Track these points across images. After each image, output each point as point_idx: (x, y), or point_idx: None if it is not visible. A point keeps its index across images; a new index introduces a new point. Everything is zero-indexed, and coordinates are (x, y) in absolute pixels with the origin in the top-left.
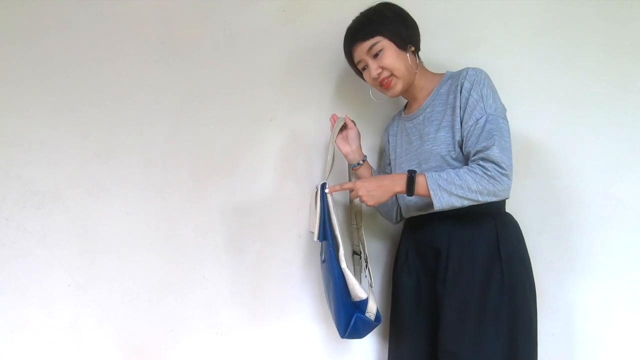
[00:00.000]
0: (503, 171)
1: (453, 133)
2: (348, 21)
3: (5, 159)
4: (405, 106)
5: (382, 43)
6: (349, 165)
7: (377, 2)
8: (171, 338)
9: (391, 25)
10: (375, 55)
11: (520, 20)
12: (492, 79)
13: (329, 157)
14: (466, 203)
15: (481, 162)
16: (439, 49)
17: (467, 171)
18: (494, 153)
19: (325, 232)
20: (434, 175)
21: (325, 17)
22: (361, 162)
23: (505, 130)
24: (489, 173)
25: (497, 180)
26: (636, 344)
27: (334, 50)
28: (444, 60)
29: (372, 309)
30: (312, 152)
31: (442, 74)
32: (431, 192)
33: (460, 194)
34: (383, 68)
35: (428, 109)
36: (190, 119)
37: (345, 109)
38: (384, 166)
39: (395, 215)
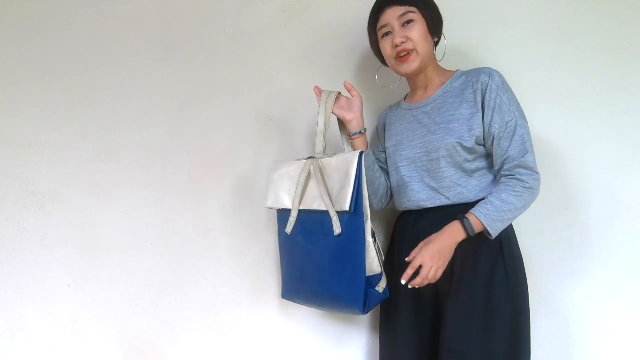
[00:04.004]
0: (537, 176)
1: (470, 127)
2: (348, 21)
3: (5, 159)
4: (406, 97)
5: (416, 15)
6: (344, 134)
7: None
8: (171, 338)
9: (429, 8)
10: (404, 25)
11: (520, 20)
12: None
13: (322, 127)
14: (516, 219)
15: (518, 176)
16: (438, 49)
17: (510, 193)
18: (530, 160)
19: (358, 203)
20: (484, 212)
21: (325, 17)
22: (363, 131)
23: (529, 134)
24: (527, 185)
25: (535, 189)
26: (636, 344)
27: (334, 50)
28: (443, 60)
29: (383, 283)
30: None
31: (454, 71)
32: (489, 229)
33: (511, 217)
34: (408, 39)
35: (439, 100)
36: (190, 119)
37: None
38: (377, 153)
39: (382, 196)
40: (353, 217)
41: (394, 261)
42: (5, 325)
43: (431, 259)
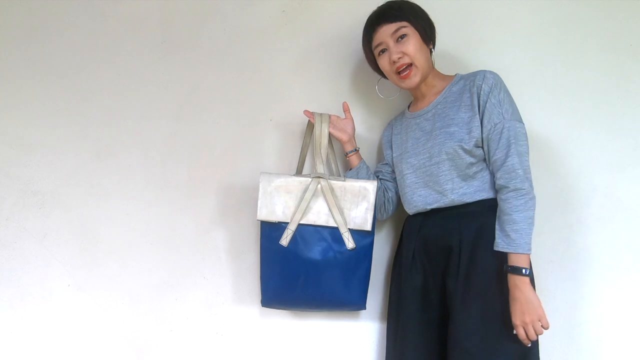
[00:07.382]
0: (523, 177)
1: (469, 130)
2: (348, 22)
3: (5, 159)
4: (409, 106)
5: (409, 29)
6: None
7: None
8: (171, 338)
9: (419, 18)
10: (398, 40)
11: (520, 20)
12: None
13: (324, 148)
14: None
15: (512, 186)
16: (439, 48)
17: (513, 209)
18: (514, 161)
19: (373, 224)
20: (514, 245)
21: (325, 17)
22: (357, 148)
23: (521, 134)
24: (524, 192)
25: (527, 192)
26: (636, 344)
27: (333, 50)
28: (444, 60)
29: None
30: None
31: (453, 76)
32: (525, 252)
33: (530, 229)
34: (404, 54)
35: (439, 106)
36: (190, 119)
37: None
38: (379, 166)
39: (379, 206)
40: (366, 234)
41: (402, 260)
42: (5, 325)
43: (525, 319)
